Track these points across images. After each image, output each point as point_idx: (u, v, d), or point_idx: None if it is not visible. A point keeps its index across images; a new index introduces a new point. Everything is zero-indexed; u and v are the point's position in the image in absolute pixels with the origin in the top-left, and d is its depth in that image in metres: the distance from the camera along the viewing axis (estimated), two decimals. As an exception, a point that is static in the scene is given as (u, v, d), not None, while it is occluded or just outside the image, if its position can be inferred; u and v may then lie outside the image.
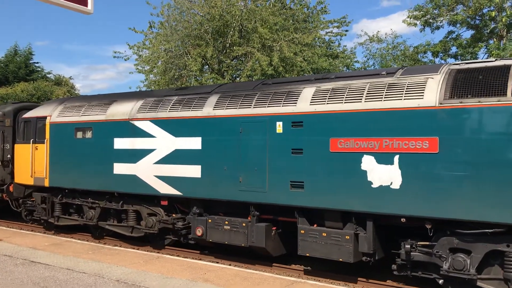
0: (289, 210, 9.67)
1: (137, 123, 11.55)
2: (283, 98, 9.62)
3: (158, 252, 11.63)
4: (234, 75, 23.06)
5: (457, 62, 8.76)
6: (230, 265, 10.50)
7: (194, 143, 10.62)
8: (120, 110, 12.02)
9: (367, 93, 8.65)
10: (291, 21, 23.08)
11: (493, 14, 24.25)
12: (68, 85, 49.65)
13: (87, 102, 13.12)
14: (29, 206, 14.43)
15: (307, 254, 9.27)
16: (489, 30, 25.33)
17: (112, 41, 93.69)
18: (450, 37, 27.36)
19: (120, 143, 11.85)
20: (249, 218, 10.14)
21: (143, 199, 11.86)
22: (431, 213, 7.89)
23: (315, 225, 9.34)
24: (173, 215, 11.40)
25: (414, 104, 8.09)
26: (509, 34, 25.16)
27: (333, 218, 9.07)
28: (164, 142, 11.06)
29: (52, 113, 13.50)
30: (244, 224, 10.06)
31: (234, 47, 20.51)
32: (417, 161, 7.99)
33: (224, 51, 21.72)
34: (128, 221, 12.12)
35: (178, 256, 11.24)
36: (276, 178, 9.47)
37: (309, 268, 10.24)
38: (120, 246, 12.46)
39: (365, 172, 8.48)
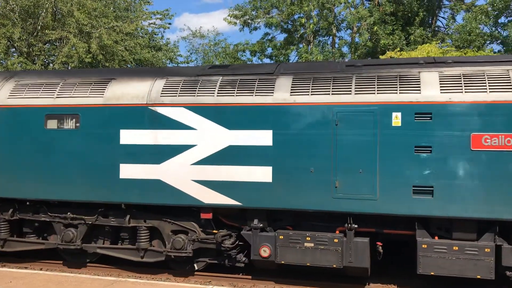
0: (395, 221, 7.99)
1: (163, 110, 8.53)
2: (397, 83, 7.81)
3: None
4: (47, 61, 21.73)
5: None
6: (41, 269, 9.36)
7: (260, 137, 8.15)
8: (129, 92, 8.78)
9: (517, 81, 7.40)
10: (111, 9, 22.74)
11: (303, 21, 27.01)
12: None
13: (61, 79, 9.40)
14: None
15: (432, 273, 7.68)
16: (299, 35, 28.19)
17: None
18: (266, 38, 29.84)
19: (132, 137, 8.67)
20: (337, 231, 8.15)
21: (164, 212, 8.89)
22: None
23: (435, 238, 7.81)
24: (214, 231, 8.71)
25: None
26: (315, 40, 28.62)
27: (466, 229, 7.64)
28: (211, 136, 8.33)
29: (-3, 93, 9.41)
30: (336, 240, 8.01)
31: (47, 30, 19.11)
32: None
33: (35, 33, 19.94)
34: (139, 241, 8.96)
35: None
36: (392, 182, 7.65)
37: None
38: None
39: (520, 173, 7.24)
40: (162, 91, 8.65)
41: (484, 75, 7.58)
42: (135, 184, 8.64)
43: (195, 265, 9.02)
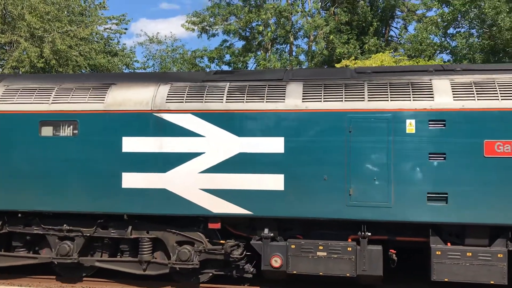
0: (407, 228, 7.99)
1: (169, 117, 8.23)
2: (410, 90, 7.83)
3: None
4: (-4, 65, 21.24)
5: None
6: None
7: (272, 145, 7.98)
8: (131, 98, 8.42)
9: (527, 90, 7.55)
10: (65, 13, 22.27)
11: (261, 28, 27.64)
12: None
13: (55, 84, 8.93)
14: None
15: (446, 280, 7.71)
16: (257, 42, 28.82)
17: None
18: (224, 45, 30.03)
19: (135, 145, 8.31)
20: (349, 240, 8.07)
21: (168, 222, 8.56)
22: None
23: (448, 244, 7.85)
24: (221, 241, 8.45)
25: None
26: (273, 48, 29.15)
27: (478, 235, 7.72)
28: (220, 143, 8.09)
29: (-15, 98, 8.83)
30: (349, 249, 7.92)
31: None
32: None
33: (-17, 37, 19.47)
34: (142, 253, 8.58)
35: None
36: (406, 190, 7.65)
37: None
38: None
39: (532, 180, 7.38)
40: (168, 97, 8.34)
41: (495, 83, 7.70)
42: (138, 193, 8.27)
43: (200, 276, 8.71)
